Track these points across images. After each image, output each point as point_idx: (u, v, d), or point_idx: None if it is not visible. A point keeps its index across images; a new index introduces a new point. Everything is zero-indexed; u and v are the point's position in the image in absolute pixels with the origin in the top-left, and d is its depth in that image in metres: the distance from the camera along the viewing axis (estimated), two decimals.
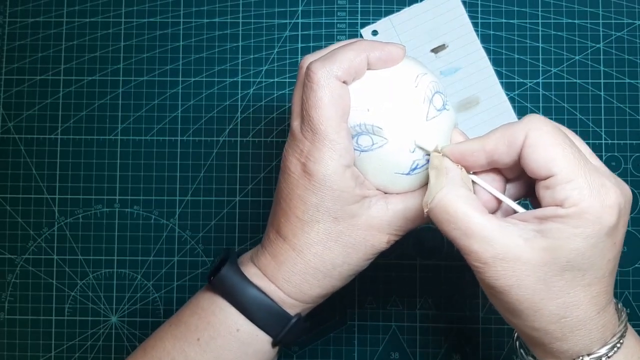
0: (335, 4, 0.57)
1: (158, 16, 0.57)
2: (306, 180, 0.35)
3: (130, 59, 0.57)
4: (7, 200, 0.56)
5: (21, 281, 0.56)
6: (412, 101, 0.36)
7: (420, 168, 0.36)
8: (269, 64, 0.57)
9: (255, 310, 0.36)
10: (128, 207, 0.56)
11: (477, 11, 0.56)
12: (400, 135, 0.35)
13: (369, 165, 0.36)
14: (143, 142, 0.56)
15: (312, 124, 0.34)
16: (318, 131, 0.34)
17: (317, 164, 0.34)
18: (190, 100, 0.57)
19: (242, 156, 0.56)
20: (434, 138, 0.36)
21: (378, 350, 0.54)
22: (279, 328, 0.37)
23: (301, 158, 0.35)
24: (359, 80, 0.36)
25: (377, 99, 0.35)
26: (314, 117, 0.34)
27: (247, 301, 0.36)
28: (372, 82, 0.36)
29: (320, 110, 0.34)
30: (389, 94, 0.36)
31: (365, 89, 0.36)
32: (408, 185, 0.37)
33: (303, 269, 0.36)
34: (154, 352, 0.38)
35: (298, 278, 0.37)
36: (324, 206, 0.35)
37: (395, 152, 0.36)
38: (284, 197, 0.36)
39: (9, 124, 0.57)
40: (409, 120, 0.35)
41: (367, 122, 0.35)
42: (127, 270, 0.56)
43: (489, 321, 0.54)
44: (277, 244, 0.37)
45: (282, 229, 0.37)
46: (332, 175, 0.34)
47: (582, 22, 0.56)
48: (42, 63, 0.57)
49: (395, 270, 0.51)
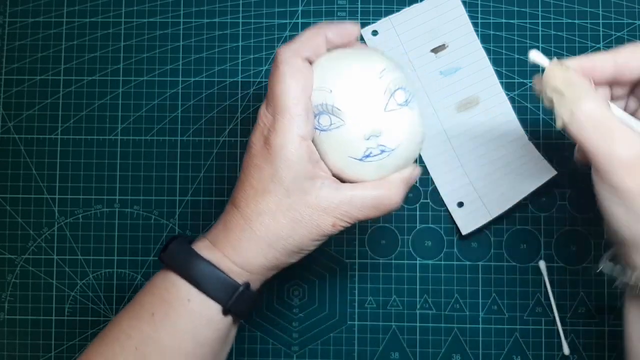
0: (335, 4, 0.57)
1: (158, 16, 0.57)
2: (265, 151, 0.37)
3: (130, 59, 0.57)
4: (7, 200, 0.56)
5: (21, 281, 0.56)
6: (373, 90, 0.38)
7: (373, 157, 0.38)
8: (269, 64, 0.57)
9: (204, 281, 0.38)
10: (128, 207, 0.56)
11: (477, 11, 0.56)
12: (357, 119, 0.38)
13: (327, 144, 0.38)
14: (143, 142, 0.56)
15: (274, 98, 0.37)
16: (278, 104, 0.37)
17: (276, 134, 0.37)
18: (191, 100, 0.57)
19: (242, 156, 0.56)
20: (391, 130, 0.38)
21: (378, 350, 0.54)
22: (227, 296, 0.38)
23: (264, 131, 0.38)
24: (327, 62, 0.39)
25: (340, 82, 0.38)
26: (275, 91, 0.37)
27: (195, 272, 0.38)
28: (340, 67, 0.39)
29: (280, 85, 0.37)
30: (353, 80, 0.38)
31: (331, 72, 0.38)
32: (360, 172, 0.39)
33: (249, 236, 0.38)
34: (111, 334, 0.39)
35: (244, 245, 0.38)
36: (278, 175, 0.37)
37: (350, 135, 0.38)
38: (243, 169, 0.39)
39: (9, 123, 0.57)
40: (367, 107, 0.38)
41: (328, 102, 0.38)
42: (127, 270, 0.56)
43: (489, 321, 0.54)
44: (230, 212, 0.40)
45: (236, 198, 0.39)
46: (288, 144, 0.37)
47: (582, 22, 0.56)
48: (42, 63, 0.57)
49: (395, 270, 0.51)
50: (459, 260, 0.55)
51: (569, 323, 0.54)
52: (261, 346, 0.55)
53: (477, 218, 0.54)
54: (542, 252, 0.54)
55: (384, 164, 0.39)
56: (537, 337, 0.54)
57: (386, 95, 0.38)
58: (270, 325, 0.55)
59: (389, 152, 0.39)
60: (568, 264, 0.54)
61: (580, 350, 0.54)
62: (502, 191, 0.54)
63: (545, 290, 0.54)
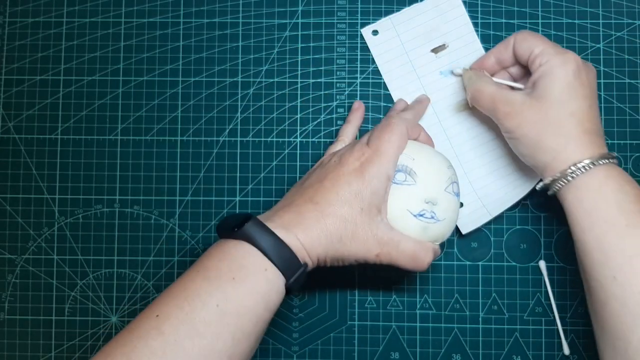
0: (335, 4, 0.57)
1: (158, 16, 0.57)
2: (359, 173, 0.47)
3: (130, 59, 0.57)
4: (7, 200, 0.56)
5: (21, 281, 0.56)
6: (441, 173, 0.49)
7: (424, 218, 0.47)
8: (269, 64, 0.57)
9: (277, 256, 0.44)
10: (128, 207, 0.56)
11: (477, 11, 0.56)
12: (425, 185, 0.48)
13: (394, 195, 0.47)
14: (143, 142, 0.56)
15: (380, 141, 0.48)
16: (382, 147, 0.47)
17: (372, 165, 0.47)
18: (191, 100, 0.57)
19: (242, 156, 0.56)
20: (443, 205, 0.48)
21: (378, 350, 0.54)
22: (291, 273, 0.44)
23: (361, 158, 0.47)
24: (413, 142, 0.50)
25: (421, 156, 0.49)
26: (383, 137, 0.48)
27: (270, 247, 0.44)
28: (424, 147, 0.50)
29: (389, 135, 0.48)
30: (431, 159, 0.49)
31: (417, 147, 0.50)
32: (408, 225, 0.47)
33: (322, 227, 0.46)
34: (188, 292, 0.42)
35: (314, 232, 0.45)
36: (362, 195, 0.46)
37: (416, 194, 0.47)
38: (331, 178, 0.47)
39: (9, 124, 0.57)
40: (434, 181, 0.48)
41: (409, 165, 0.48)
42: (127, 270, 0.56)
43: (489, 321, 0.54)
44: (306, 206, 0.46)
45: (316, 197, 0.47)
46: (379, 177, 0.47)
47: (582, 22, 0.56)
48: (42, 63, 0.57)
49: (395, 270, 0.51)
50: (459, 260, 0.55)
51: (569, 323, 0.54)
52: (261, 346, 0.55)
53: (477, 218, 0.54)
54: (542, 252, 0.54)
55: (428, 228, 0.48)
56: (537, 337, 0.54)
57: (448, 181, 0.49)
58: (270, 325, 0.55)
59: (436, 221, 0.48)
60: (568, 264, 0.54)
61: (580, 350, 0.54)
62: (501, 191, 0.54)
63: (545, 290, 0.54)
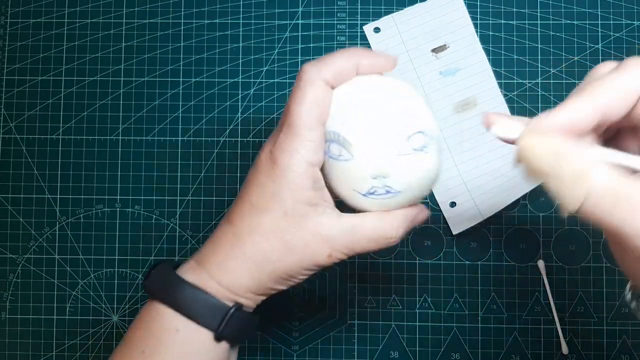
0: (335, 4, 0.57)
1: (159, 17, 0.57)
2: (269, 167, 0.36)
3: (131, 60, 0.57)
4: (9, 200, 0.57)
5: (23, 281, 0.56)
6: (389, 132, 0.36)
7: (377, 196, 0.37)
8: (269, 65, 0.57)
9: (190, 306, 0.36)
10: (129, 207, 0.56)
11: (476, 12, 0.56)
12: (365, 158, 0.36)
13: (334, 172, 0.37)
14: (144, 142, 0.57)
15: (289, 116, 0.35)
16: (292, 124, 0.35)
17: (283, 152, 0.35)
18: (191, 101, 0.57)
19: (243, 156, 0.56)
20: (400, 174, 0.36)
21: (378, 349, 0.55)
22: (217, 321, 0.36)
23: (272, 147, 0.36)
24: (349, 90, 0.37)
25: (356, 117, 0.36)
26: (292, 110, 0.35)
27: (181, 298, 0.36)
28: (360, 100, 0.37)
29: (300, 106, 0.35)
30: (369, 118, 0.36)
31: (351, 103, 0.37)
32: (363, 205, 0.38)
33: (237, 254, 0.36)
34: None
35: (231, 264, 0.36)
36: (279, 196, 0.35)
37: (356, 171, 0.36)
38: (246, 184, 0.37)
39: (10, 124, 0.57)
40: (378, 148, 0.36)
41: (341, 133, 0.36)
42: (128, 269, 0.56)
43: (488, 320, 0.54)
44: (222, 228, 0.38)
45: (232, 214, 0.37)
46: (294, 167, 0.35)
47: (581, 23, 0.56)
48: (44, 63, 0.57)
49: (395, 270, 0.51)
50: (458, 259, 0.55)
51: (568, 322, 0.54)
52: (261, 345, 0.55)
53: (468, 218, 0.54)
54: (541, 252, 0.55)
55: (388, 204, 0.37)
56: (536, 337, 0.54)
57: (401, 138, 0.36)
58: (270, 324, 0.55)
59: (394, 194, 0.37)
60: (567, 264, 0.54)
61: (579, 350, 0.54)
62: (495, 193, 0.54)
63: (544, 290, 0.54)
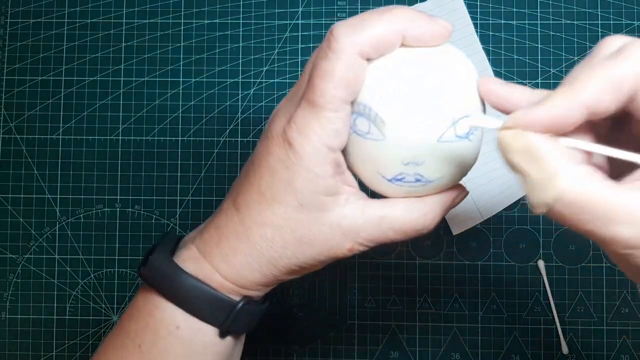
0: (335, 4, 0.57)
1: (159, 17, 0.57)
2: (282, 150, 0.30)
3: (132, 60, 0.57)
4: (9, 200, 0.57)
5: (23, 280, 0.56)
6: (432, 115, 0.29)
7: (404, 183, 0.31)
8: (270, 65, 0.57)
9: (193, 301, 0.32)
10: (129, 207, 0.56)
11: (476, 12, 0.56)
12: (399, 141, 0.30)
13: (356, 151, 0.31)
14: (144, 142, 0.57)
15: (311, 92, 0.29)
16: (314, 102, 0.29)
17: (299, 134, 0.29)
18: (191, 101, 0.57)
19: (243, 156, 0.56)
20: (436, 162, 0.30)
21: (378, 349, 0.55)
22: (222, 317, 0.32)
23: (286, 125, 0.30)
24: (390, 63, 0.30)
25: (396, 91, 0.29)
26: (317, 86, 0.29)
27: (182, 292, 0.32)
28: (402, 72, 0.30)
29: (325, 83, 0.29)
30: (410, 94, 0.29)
31: (391, 74, 0.30)
32: (386, 190, 0.32)
33: (246, 249, 0.32)
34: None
35: (238, 259, 0.32)
36: (293, 186, 0.30)
37: (386, 154, 0.30)
38: (255, 163, 0.31)
39: (10, 124, 0.57)
40: (417, 132, 0.29)
41: (373, 107, 0.29)
42: (129, 269, 0.56)
43: (488, 320, 0.54)
44: (227, 214, 0.32)
45: (238, 199, 0.32)
46: (312, 154, 0.29)
47: (581, 23, 0.56)
48: (44, 63, 0.57)
49: (395, 269, 0.51)
50: (458, 259, 0.55)
51: (568, 322, 0.54)
52: (261, 345, 0.55)
53: (468, 219, 0.54)
54: (541, 252, 0.55)
55: (415, 191, 0.32)
56: (536, 337, 0.54)
57: (446, 124, 0.29)
58: (270, 324, 0.55)
59: (425, 183, 0.31)
60: (567, 264, 0.54)
61: (579, 350, 0.54)
62: (495, 193, 0.54)
63: (544, 290, 0.54)
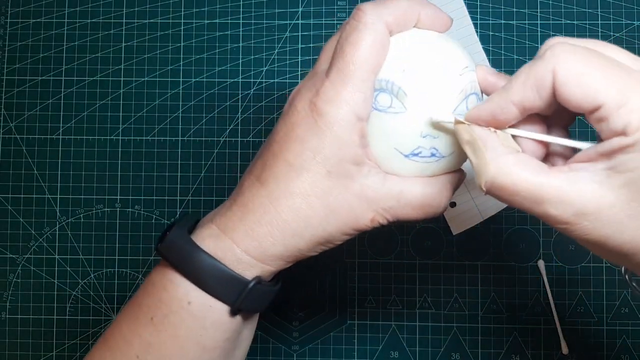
0: (335, 4, 0.57)
1: (159, 17, 0.57)
2: (312, 120, 0.31)
3: (132, 60, 0.57)
4: (9, 200, 0.57)
5: (23, 280, 0.56)
6: (450, 86, 0.33)
7: (420, 158, 0.33)
8: (270, 65, 0.57)
9: (206, 277, 0.33)
10: (129, 207, 0.56)
11: (476, 12, 0.56)
12: (420, 112, 0.32)
13: (376, 126, 0.33)
14: (144, 142, 0.57)
15: (342, 61, 0.31)
16: (344, 71, 0.31)
17: (329, 103, 0.31)
18: (191, 101, 0.57)
19: (243, 156, 0.56)
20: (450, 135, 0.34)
21: (378, 349, 0.55)
22: (234, 295, 0.33)
23: (314, 97, 0.32)
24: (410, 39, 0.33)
25: (418, 65, 0.33)
26: (348, 54, 0.31)
27: (196, 268, 0.33)
28: (422, 49, 0.33)
29: (357, 51, 0.31)
30: (432, 68, 0.33)
31: (412, 51, 0.33)
32: (400, 168, 0.34)
33: (272, 219, 0.32)
34: (112, 339, 0.35)
35: (263, 230, 0.33)
36: (323, 153, 0.32)
37: (407, 126, 0.33)
38: (278, 139, 0.33)
39: (10, 124, 0.57)
40: (436, 102, 0.33)
41: (396, 82, 0.32)
42: (129, 269, 0.56)
43: (488, 320, 0.54)
44: (252, 190, 0.33)
45: (263, 174, 0.33)
46: (342, 122, 0.31)
47: (581, 23, 0.56)
48: (44, 63, 0.57)
49: (395, 270, 0.51)
50: (458, 259, 0.55)
51: (568, 322, 0.54)
52: (261, 345, 0.55)
53: (468, 219, 0.54)
54: (541, 252, 0.55)
55: (428, 168, 0.34)
56: (535, 337, 0.54)
57: (460, 97, 0.33)
58: (270, 324, 0.55)
59: (439, 158, 0.34)
60: (567, 264, 0.54)
61: (578, 350, 0.54)
62: None
63: (544, 290, 0.54)
